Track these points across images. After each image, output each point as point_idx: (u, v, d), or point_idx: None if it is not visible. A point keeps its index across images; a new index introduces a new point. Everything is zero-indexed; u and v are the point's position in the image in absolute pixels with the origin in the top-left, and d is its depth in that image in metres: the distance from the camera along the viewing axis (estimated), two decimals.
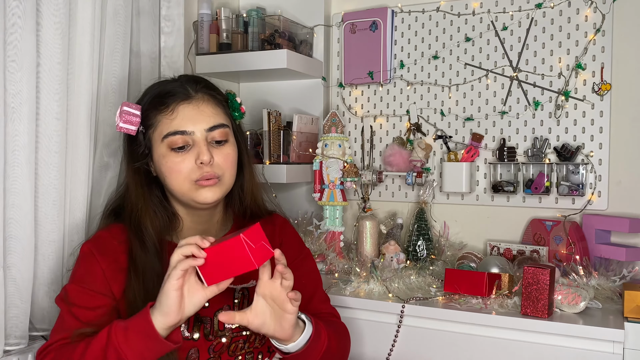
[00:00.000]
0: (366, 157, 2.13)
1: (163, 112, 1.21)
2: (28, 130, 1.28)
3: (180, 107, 1.21)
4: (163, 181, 1.24)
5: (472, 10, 1.96)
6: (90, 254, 1.21)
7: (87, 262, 1.21)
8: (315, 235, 1.96)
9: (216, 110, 1.25)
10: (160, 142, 1.21)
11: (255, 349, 1.28)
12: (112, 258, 1.20)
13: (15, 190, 1.28)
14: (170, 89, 1.24)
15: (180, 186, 1.21)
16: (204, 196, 1.21)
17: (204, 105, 1.23)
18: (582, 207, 1.80)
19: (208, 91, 1.26)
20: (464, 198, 1.98)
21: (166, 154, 1.20)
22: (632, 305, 1.40)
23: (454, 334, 1.51)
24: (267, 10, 2.12)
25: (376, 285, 1.65)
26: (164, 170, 1.22)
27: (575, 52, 1.82)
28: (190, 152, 1.20)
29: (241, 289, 1.28)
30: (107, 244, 1.22)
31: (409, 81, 2.06)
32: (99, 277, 1.19)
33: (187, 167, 1.20)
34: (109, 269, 1.19)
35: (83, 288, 1.18)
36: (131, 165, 1.26)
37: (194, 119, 1.20)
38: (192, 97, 1.22)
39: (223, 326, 1.24)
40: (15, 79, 1.26)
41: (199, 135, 1.20)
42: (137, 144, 1.24)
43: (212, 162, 1.21)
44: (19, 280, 1.30)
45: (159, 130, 1.21)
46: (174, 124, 1.20)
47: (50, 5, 1.33)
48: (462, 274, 1.55)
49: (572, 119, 1.83)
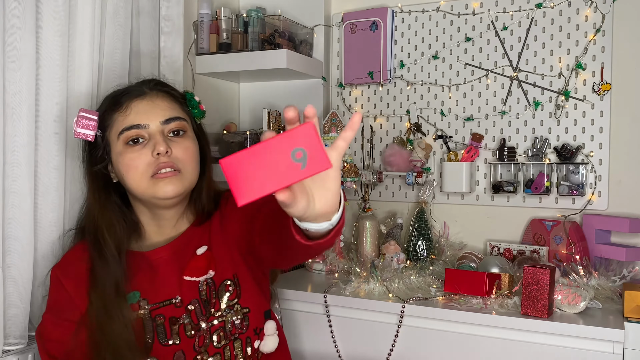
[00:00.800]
0: (366, 157, 2.13)
1: (118, 110, 1.21)
2: (27, 130, 1.28)
3: (134, 103, 1.21)
4: (122, 182, 1.22)
5: (472, 10, 1.96)
6: (57, 280, 1.24)
7: (55, 288, 1.24)
8: None
9: (172, 105, 1.24)
10: (116, 140, 1.20)
11: (242, 334, 1.24)
12: (77, 279, 1.21)
13: (15, 190, 1.28)
14: (124, 89, 1.26)
15: (139, 183, 1.19)
16: (163, 190, 1.18)
17: (158, 100, 1.23)
18: (582, 207, 1.80)
19: (162, 88, 1.26)
20: (464, 198, 1.98)
21: (122, 150, 1.19)
22: (632, 305, 1.40)
23: (454, 334, 1.50)
24: (267, 10, 2.12)
25: (376, 285, 1.65)
26: (121, 169, 1.20)
27: (575, 52, 1.82)
28: (147, 147, 1.19)
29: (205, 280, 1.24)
30: (72, 266, 1.23)
31: (409, 81, 2.06)
32: (67, 303, 1.21)
33: (144, 162, 1.18)
34: (75, 291, 1.21)
35: (56, 318, 1.21)
36: (90, 170, 1.25)
37: (148, 112, 1.20)
38: (146, 94, 1.23)
39: (197, 319, 1.22)
40: (15, 79, 1.26)
41: (154, 128, 1.19)
42: (95, 148, 1.24)
43: (169, 153, 1.18)
44: (18, 280, 1.30)
45: (115, 128, 1.21)
46: (129, 119, 1.20)
47: (50, 5, 1.33)
48: (462, 274, 1.55)
49: (572, 119, 1.83)
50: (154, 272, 1.24)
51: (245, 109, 2.28)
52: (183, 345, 1.20)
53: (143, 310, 1.21)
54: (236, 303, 1.24)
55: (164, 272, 1.24)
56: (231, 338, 1.23)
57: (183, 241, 1.28)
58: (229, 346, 1.23)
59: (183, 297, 1.22)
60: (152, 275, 1.24)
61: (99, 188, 1.25)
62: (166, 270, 1.24)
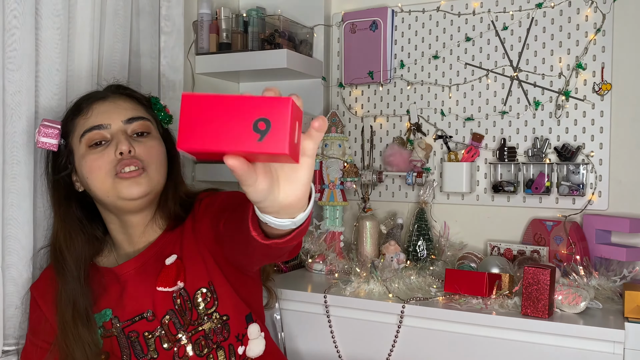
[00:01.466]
0: (366, 157, 2.12)
1: (79, 115, 1.19)
2: (27, 130, 1.28)
3: (95, 105, 1.19)
4: (87, 186, 1.19)
5: (472, 10, 1.96)
6: (33, 300, 1.25)
7: (32, 308, 1.26)
8: (315, 236, 1.96)
9: (134, 106, 1.22)
10: (79, 144, 1.18)
11: (224, 341, 1.21)
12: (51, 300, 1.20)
13: (14, 189, 1.28)
14: (87, 94, 1.24)
15: (102, 183, 1.15)
16: (128, 190, 1.14)
17: (120, 101, 1.21)
18: (583, 207, 1.80)
19: (125, 91, 1.25)
20: (464, 198, 1.98)
21: (85, 153, 1.17)
22: (632, 306, 1.39)
23: (454, 334, 1.50)
24: (267, 10, 2.12)
25: (376, 285, 1.65)
26: (84, 172, 1.17)
27: (575, 52, 1.82)
28: (109, 147, 1.16)
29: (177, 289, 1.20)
30: (47, 286, 1.23)
31: (409, 81, 2.06)
32: (42, 324, 1.22)
33: (107, 162, 1.15)
34: (50, 312, 1.20)
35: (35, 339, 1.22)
36: (52, 179, 1.23)
37: (109, 112, 1.18)
38: (107, 96, 1.22)
39: (175, 330, 1.19)
40: (15, 79, 1.26)
41: (116, 128, 1.17)
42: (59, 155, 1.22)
43: (132, 152, 1.15)
44: (18, 280, 1.30)
45: (77, 132, 1.19)
46: (90, 121, 1.18)
47: (49, 5, 1.33)
48: (462, 274, 1.55)
49: (572, 119, 1.83)
50: (122, 288, 1.21)
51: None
52: (161, 359, 1.17)
53: (115, 328, 1.19)
54: (214, 311, 1.20)
55: (132, 286, 1.21)
56: (213, 347, 1.20)
57: (154, 250, 1.23)
58: (212, 355, 1.20)
59: (157, 309, 1.19)
60: (120, 291, 1.21)
61: (59, 199, 1.22)
62: (134, 284, 1.21)
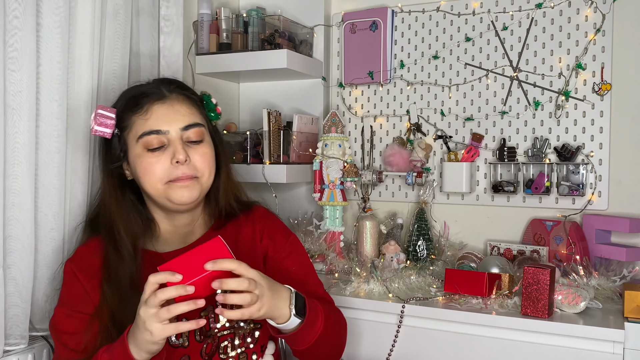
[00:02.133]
0: (366, 157, 2.13)
1: (137, 112, 1.20)
2: (28, 130, 1.28)
3: (155, 106, 1.20)
4: (138, 183, 1.23)
5: (472, 10, 1.96)
6: (71, 273, 1.23)
7: (69, 282, 1.23)
8: (315, 235, 1.96)
9: (191, 110, 1.24)
10: (135, 143, 1.20)
11: (248, 349, 1.25)
12: (91, 274, 1.21)
13: (15, 189, 1.28)
14: (144, 90, 1.24)
15: (155, 186, 1.19)
16: (179, 195, 1.19)
17: (178, 104, 1.22)
18: (583, 207, 1.80)
19: (182, 91, 1.26)
20: (464, 198, 1.98)
21: (141, 154, 1.20)
22: (632, 305, 1.40)
23: (454, 334, 1.50)
24: (267, 10, 2.12)
25: (376, 285, 1.65)
26: (139, 171, 1.20)
27: (575, 52, 1.82)
28: (166, 152, 1.19)
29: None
30: (86, 261, 1.23)
31: (409, 81, 2.06)
32: (82, 296, 1.20)
33: (162, 168, 1.19)
34: (90, 285, 1.21)
35: (69, 311, 1.20)
36: (106, 168, 1.26)
37: (168, 118, 1.20)
38: (166, 97, 1.22)
39: (209, 326, 1.22)
40: (16, 79, 1.26)
41: (174, 135, 1.19)
42: (112, 146, 1.24)
43: (188, 161, 1.19)
44: (19, 280, 1.30)
45: (134, 131, 1.21)
46: (149, 124, 1.19)
47: (50, 5, 1.33)
48: (462, 274, 1.55)
49: (572, 119, 1.83)
50: None
51: (245, 109, 2.28)
52: (191, 350, 1.20)
53: None
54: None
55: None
56: (238, 350, 1.24)
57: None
58: (233, 358, 1.23)
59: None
60: None
61: (115, 185, 1.25)
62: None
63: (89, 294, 1.20)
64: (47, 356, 1.37)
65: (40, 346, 1.35)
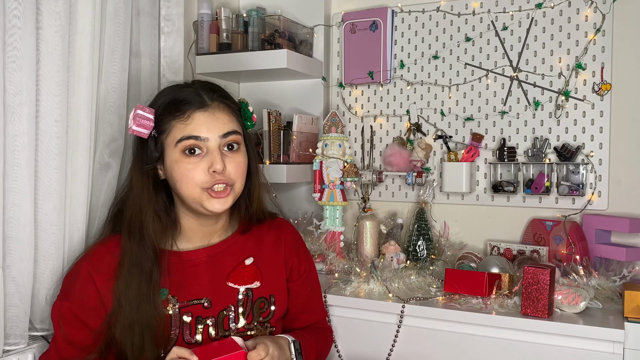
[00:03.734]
0: (366, 157, 2.13)
1: (178, 117, 1.21)
2: (28, 131, 1.28)
3: (196, 114, 1.22)
4: (173, 186, 1.25)
5: (472, 10, 1.96)
6: (88, 276, 1.23)
7: (84, 283, 1.23)
8: (315, 235, 1.96)
9: (230, 118, 1.26)
10: (173, 147, 1.21)
11: None
12: (108, 276, 1.22)
13: (15, 189, 1.28)
14: (185, 96, 1.24)
15: (191, 193, 1.22)
16: (214, 206, 1.22)
17: (219, 112, 1.24)
18: (582, 207, 1.80)
19: (224, 100, 1.27)
20: (464, 198, 1.98)
21: (179, 159, 1.21)
22: (632, 305, 1.40)
23: (454, 334, 1.50)
24: (267, 10, 2.12)
25: (376, 285, 1.65)
26: (175, 176, 1.22)
27: (575, 52, 1.82)
28: (204, 160, 1.21)
29: (245, 290, 1.30)
30: (103, 261, 1.24)
31: (409, 81, 2.06)
32: (94, 300, 1.22)
33: (200, 174, 1.20)
34: (105, 288, 1.22)
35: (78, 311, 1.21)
36: (140, 168, 1.26)
37: (208, 125, 1.21)
38: (207, 105, 1.23)
39: (228, 325, 1.26)
40: (15, 79, 1.26)
41: (212, 142, 1.21)
42: (148, 147, 1.25)
43: (224, 170, 1.22)
44: (18, 280, 1.30)
45: (173, 135, 1.21)
46: (189, 129, 1.20)
47: (50, 5, 1.33)
48: (462, 274, 1.55)
49: (572, 119, 1.83)
50: (187, 272, 1.27)
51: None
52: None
53: (171, 307, 1.24)
54: (267, 321, 1.32)
55: (199, 273, 1.28)
56: None
57: (224, 247, 1.32)
58: None
59: (218, 301, 1.26)
60: (184, 275, 1.27)
61: (148, 186, 1.26)
62: (200, 271, 1.28)
63: (102, 301, 1.21)
64: None
65: (40, 346, 1.35)
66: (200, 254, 1.29)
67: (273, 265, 1.36)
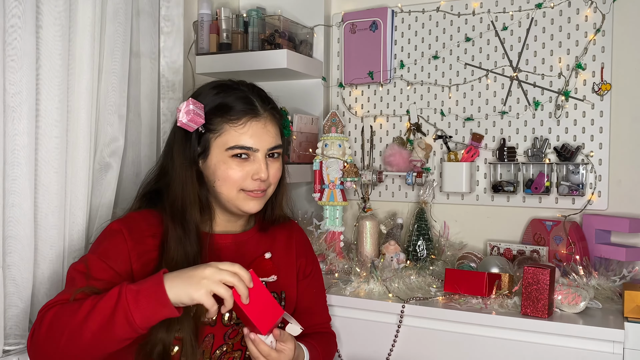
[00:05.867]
0: (366, 157, 2.13)
1: (233, 122, 1.23)
2: (28, 130, 1.28)
3: (250, 123, 1.24)
4: (212, 182, 1.27)
5: (472, 10, 1.96)
6: (120, 232, 1.20)
7: (114, 239, 1.20)
8: (315, 235, 1.96)
9: (277, 131, 1.30)
10: (223, 150, 1.24)
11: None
12: (139, 240, 1.21)
13: (15, 190, 1.28)
14: (240, 101, 1.26)
15: (230, 192, 1.25)
16: (249, 206, 1.27)
17: (270, 124, 1.27)
18: (582, 207, 1.80)
19: (273, 111, 1.30)
20: (464, 198, 1.98)
21: (227, 161, 1.24)
22: (632, 305, 1.40)
23: (454, 334, 1.50)
24: (267, 10, 2.12)
25: (376, 285, 1.65)
26: (218, 174, 1.25)
27: (575, 52, 1.82)
28: (249, 165, 1.24)
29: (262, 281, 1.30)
30: (137, 226, 1.23)
31: (409, 81, 2.06)
32: (124, 257, 1.18)
33: (242, 177, 1.24)
34: (135, 251, 1.19)
35: (104, 263, 1.16)
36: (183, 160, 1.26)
37: (260, 137, 1.25)
38: (261, 115, 1.26)
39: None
40: (15, 79, 1.26)
41: (261, 153, 1.25)
42: (191, 141, 1.25)
43: (266, 177, 1.26)
44: (18, 279, 1.30)
45: (225, 139, 1.23)
46: (243, 139, 1.23)
47: (50, 5, 1.33)
48: (462, 274, 1.55)
49: (572, 119, 1.83)
50: (217, 253, 1.30)
51: None
52: (216, 329, 1.25)
53: None
54: None
55: (224, 256, 1.30)
56: None
57: (246, 238, 1.36)
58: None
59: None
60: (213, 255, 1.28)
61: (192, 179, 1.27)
62: (226, 255, 1.30)
63: (130, 257, 1.19)
64: None
65: None
66: (227, 239, 1.33)
67: (285, 264, 1.40)
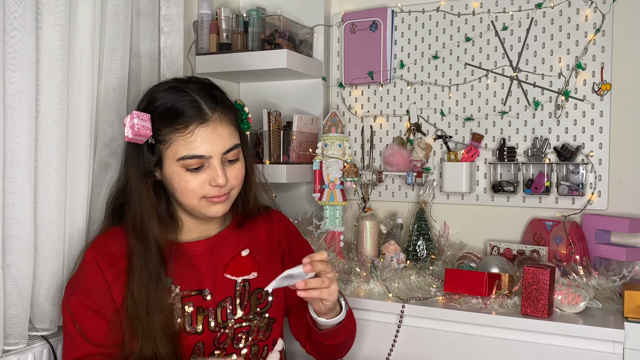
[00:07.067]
0: (366, 157, 2.13)
1: (179, 132, 1.18)
2: (28, 130, 1.28)
3: (198, 130, 1.18)
4: (171, 193, 1.25)
5: (472, 10, 1.96)
6: (94, 263, 1.23)
7: (90, 273, 1.23)
8: (315, 235, 1.96)
9: (230, 130, 1.24)
10: (174, 161, 1.20)
11: (261, 341, 1.32)
12: (112, 262, 1.23)
13: (15, 189, 1.28)
14: (185, 106, 1.20)
15: (191, 201, 1.23)
16: (214, 211, 1.25)
17: (220, 127, 1.21)
18: (582, 207, 1.80)
19: (224, 110, 1.24)
20: (464, 198, 1.98)
21: (180, 172, 1.21)
22: (632, 305, 1.40)
23: (454, 334, 1.51)
24: (267, 10, 2.12)
25: (376, 285, 1.65)
26: (174, 186, 1.22)
27: (575, 52, 1.82)
28: (205, 173, 1.21)
29: (242, 281, 1.31)
30: (108, 250, 1.25)
31: (409, 81, 2.06)
32: (102, 287, 1.21)
33: (199, 186, 1.21)
34: (110, 273, 1.22)
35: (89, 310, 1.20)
36: (138, 173, 1.24)
37: (211, 143, 1.19)
38: (209, 120, 1.20)
39: (226, 317, 1.27)
40: (15, 79, 1.26)
41: (215, 159, 1.20)
42: (143, 152, 1.22)
43: (225, 182, 1.22)
44: (18, 279, 1.30)
45: (174, 149, 1.19)
46: (191, 147, 1.18)
47: (50, 5, 1.33)
48: (462, 274, 1.56)
49: (572, 119, 1.83)
50: (189, 263, 1.29)
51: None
52: (205, 337, 1.25)
53: (174, 296, 1.25)
54: (264, 312, 1.33)
55: (199, 264, 1.29)
56: (251, 343, 1.31)
57: (219, 239, 1.34)
58: (246, 349, 1.30)
59: (216, 292, 1.28)
60: (186, 265, 1.28)
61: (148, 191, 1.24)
62: (201, 262, 1.30)
63: (108, 284, 1.21)
64: (47, 356, 1.37)
65: (40, 346, 1.35)
66: (200, 246, 1.31)
67: (268, 257, 1.37)
